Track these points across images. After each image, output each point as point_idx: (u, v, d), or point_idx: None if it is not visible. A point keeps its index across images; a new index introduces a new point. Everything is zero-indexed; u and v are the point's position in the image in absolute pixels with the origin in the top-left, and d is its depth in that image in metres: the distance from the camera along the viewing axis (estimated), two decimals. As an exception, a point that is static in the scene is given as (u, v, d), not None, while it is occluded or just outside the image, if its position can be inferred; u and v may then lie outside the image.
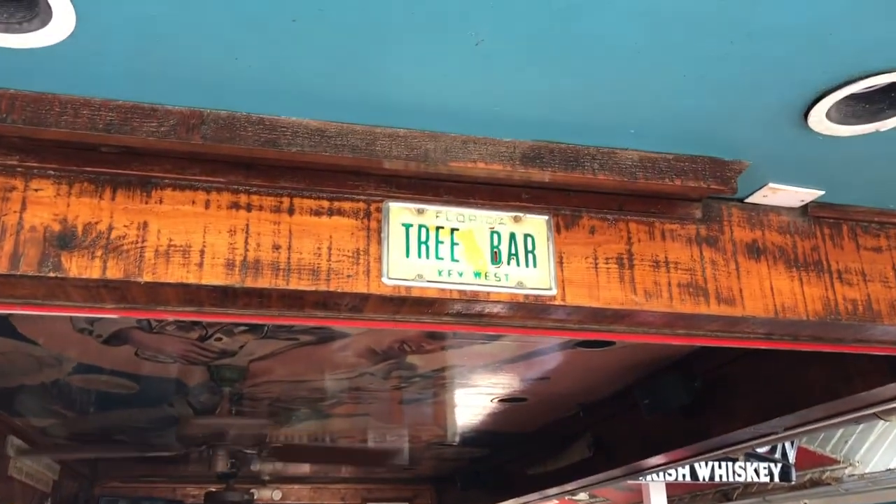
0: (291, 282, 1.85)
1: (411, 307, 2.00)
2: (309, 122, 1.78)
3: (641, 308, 2.05)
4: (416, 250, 1.94)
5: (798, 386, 3.24)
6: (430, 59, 1.57)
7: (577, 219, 2.08)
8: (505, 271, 1.97)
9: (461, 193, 2.00)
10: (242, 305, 1.97)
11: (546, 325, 2.15)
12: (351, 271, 1.89)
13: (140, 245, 1.80)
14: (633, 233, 2.11)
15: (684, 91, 1.71)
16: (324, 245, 1.90)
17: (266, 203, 1.90)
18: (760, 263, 2.19)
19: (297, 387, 4.80)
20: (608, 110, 1.78)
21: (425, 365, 4.37)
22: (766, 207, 2.25)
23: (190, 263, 1.81)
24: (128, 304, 1.95)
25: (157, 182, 1.86)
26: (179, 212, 1.85)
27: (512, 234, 2.01)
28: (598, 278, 2.04)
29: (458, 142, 1.85)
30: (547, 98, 1.72)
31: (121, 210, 1.83)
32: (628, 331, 2.24)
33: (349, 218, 1.94)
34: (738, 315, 2.12)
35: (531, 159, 1.88)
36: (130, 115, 1.69)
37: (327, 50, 1.55)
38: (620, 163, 1.94)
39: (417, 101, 1.73)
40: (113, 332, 3.68)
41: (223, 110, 1.74)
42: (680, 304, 2.08)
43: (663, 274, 2.10)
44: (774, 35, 1.54)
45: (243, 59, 1.56)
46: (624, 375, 4.51)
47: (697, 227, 2.17)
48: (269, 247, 1.86)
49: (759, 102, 1.76)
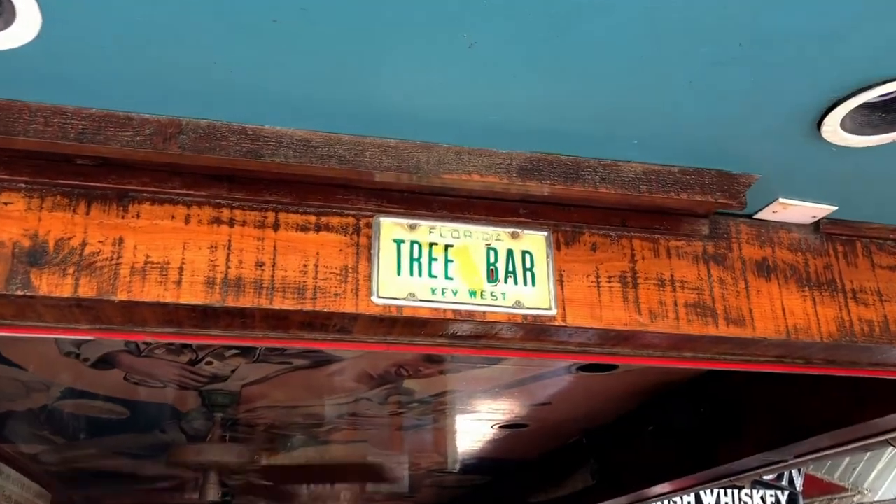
0: (275, 301, 1.75)
1: (403, 328, 1.89)
2: (294, 131, 1.69)
3: (646, 329, 1.94)
4: (408, 268, 1.84)
5: (809, 412, 3.12)
6: (421, 64, 1.48)
7: (577, 235, 1.98)
8: (502, 290, 1.87)
9: (456, 208, 1.90)
10: (224, 326, 1.86)
11: (546, 347, 2.05)
12: (339, 290, 1.79)
13: (115, 262, 1.71)
14: (636, 250, 2.01)
15: (690, 99, 1.61)
16: (310, 262, 1.80)
17: (249, 218, 1.81)
18: (771, 282, 2.08)
19: (291, 412, 4.67)
20: (610, 120, 1.68)
21: (423, 390, 4.26)
22: (776, 224, 2.15)
23: (168, 281, 1.71)
24: (103, 325, 1.85)
25: (134, 196, 1.77)
26: (157, 227, 1.75)
27: (509, 251, 1.91)
28: (601, 298, 1.94)
29: (451, 153, 1.75)
30: (545, 107, 1.62)
31: (95, 225, 1.73)
32: (632, 353, 2.13)
33: (337, 234, 1.84)
34: (748, 336, 2.01)
35: (529, 171, 1.78)
36: (104, 124, 1.60)
37: (311, 54, 1.46)
38: (623, 176, 1.84)
39: (408, 110, 1.63)
40: (100, 356, 3.57)
41: (203, 119, 1.65)
42: (687, 325, 1.97)
43: (669, 293, 1.99)
44: (784, 39, 1.44)
45: (222, 64, 1.47)
46: (628, 400, 4.39)
47: (704, 244, 2.07)
48: (251, 264, 1.76)
49: (770, 111, 1.66)
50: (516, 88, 1.56)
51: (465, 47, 1.43)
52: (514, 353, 2.09)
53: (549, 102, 1.62)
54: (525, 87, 1.56)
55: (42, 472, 6.09)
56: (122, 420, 4.71)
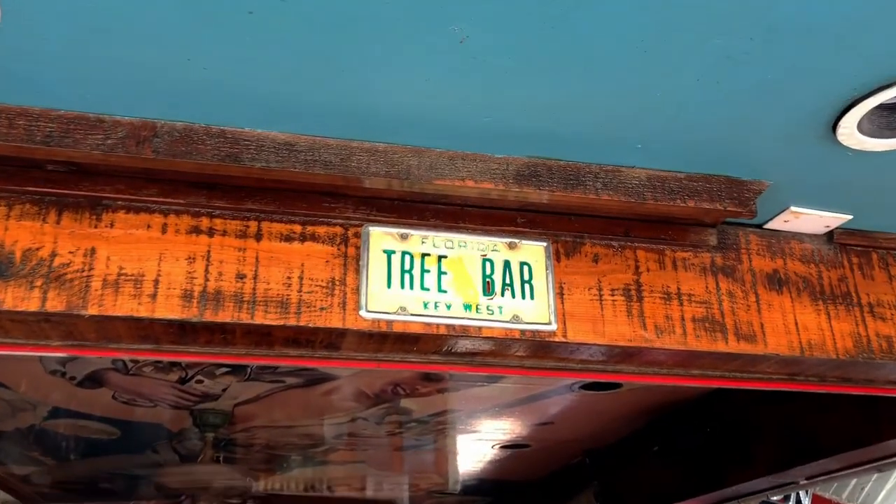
0: (257, 315, 1.64)
1: (394, 344, 1.78)
2: (276, 134, 1.59)
3: (652, 345, 1.83)
4: (399, 280, 1.73)
5: (822, 432, 2.99)
6: (410, 60, 1.38)
7: (579, 245, 1.88)
8: (498, 303, 1.76)
9: (450, 217, 1.80)
10: (204, 343, 1.76)
11: (546, 364, 1.93)
12: (325, 303, 1.68)
13: (86, 274, 1.60)
14: (641, 261, 1.90)
15: (697, 98, 1.51)
16: (294, 274, 1.69)
17: (230, 227, 1.71)
18: (783, 296, 1.98)
19: (286, 432, 4.55)
20: (612, 121, 1.58)
21: (421, 409, 4.13)
22: (787, 234, 2.05)
23: (142, 295, 1.61)
24: (75, 342, 1.74)
25: (108, 204, 1.67)
26: (132, 237, 1.65)
27: (506, 263, 1.81)
28: (604, 312, 1.83)
29: (444, 158, 1.65)
30: (543, 107, 1.53)
31: (66, 235, 1.63)
32: (637, 371, 2.02)
33: (324, 244, 1.74)
34: (760, 353, 1.90)
35: (526, 177, 1.68)
36: (73, 127, 1.50)
37: (292, 50, 1.36)
38: (626, 182, 1.74)
39: (398, 112, 1.54)
40: (87, 375, 3.46)
41: (179, 122, 1.55)
42: (695, 340, 1.86)
43: (676, 307, 1.88)
44: (799, 31, 1.34)
45: (197, 61, 1.37)
46: (632, 420, 4.26)
47: (712, 255, 1.97)
48: (232, 276, 1.66)
49: (782, 112, 1.56)
50: (511, 87, 1.46)
51: (457, 42, 1.33)
52: (511, 371, 1.98)
53: (546, 102, 1.52)
54: (521, 86, 1.46)
55: (33, 494, 5.96)
56: (112, 440, 4.59)
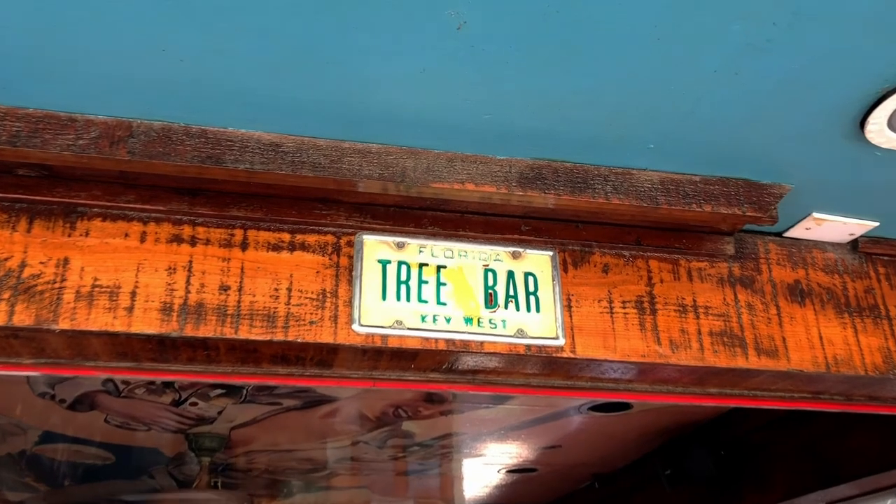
0: (241, 330, 1.52)
1: (390, 361, 1.66)
2: (262, 134, 1.48)
3: (667, 361, 1.70)
4: (395, 292, 1.62)
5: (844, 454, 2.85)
6: (403, 49, 1.27)
7: (587, 255, 1.76)
8: (502, 316, 1.64)
9: (449, 224, 1.68)
10: (187, 360, 1.64)
11: (553, 383, 1.81)
12: (315, 317, 1.56)
13: (58, 286, 1.49)
14: (654, 271, 1.78)
15: (714, 92, 1.40)
16: (282, 286, 1.58)
17: (214, 236, 1.59)
18: (806, 308, 1.85)
19: (286, 456, 4.41)
20: (622, 119, 1.47)
21: (424, 432, 4.00)
22: (809, 243, 1.93)
23: (117, 308, 1.49)
24: (49, 360, 1.62)
25: (83, 211, 1.56)
26: (109, 246, 1.54)
27: (510, 273, 1.69)
28: (615, 325, 1.70)
29: (442, 159, 1.54)
30: (547, 102, 1.41)
31: (38, 244, 1.52)
32: (651, 390, 1.89)
33: (314, 253, 1.62)
34: (783, 369, 1.77)
35: (530, 180, 1.57)
36: (42, 126, 1.40)
37: (272, 38, 1.25)
38: (638, 185, 1.62)
39: (391, 108, 1.43)
40: (77, 397, 3.34)
41: (157, 121, 1.44)
42: (713, 356, 1.73)
43: (692, 320, 1.76)
44: (827, 14, 1.23)
45: (172, 52, 1.27)
46: (643, 443, 4.11)
47: (730, 265, 1.84)
48: (215, 288, 1.55)
49: (806, 106, 1.45)
50: (514, 79, 1.35)
51: (454, 28, 1.23)
52: (516, 390, 1.85)
53: (550, 97, 1.40)
54: (524, 78, 1.35)
55: None
56: (108, 465, 4.46)
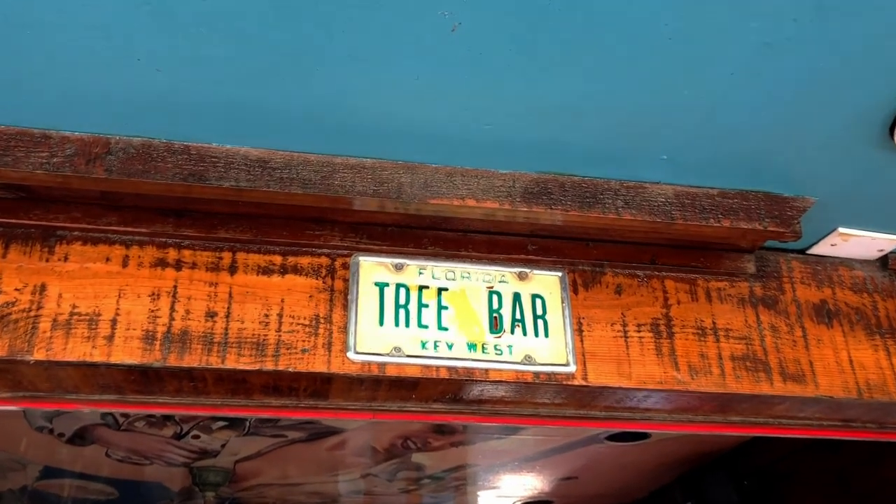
0: (228, 359, 1.43)
1: (389, 391, 1.56)
2: (249, 150, 1.39)
3: (686, 388, 1.59)
4: (393, 316, 1.52)
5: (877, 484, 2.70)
6: (394, 54, 1.19)
7: (598, 275, 1.65)
8: (508, 342, 1.54)
9: (451, 244, 1.59)
10: (173, 392, 1.54)
11: (564, 412, 1.70)
12: (307, 344, 1.46)
13: (34, 314, 1.40)
14: (670, 292, 1.68)
15: (731, 97, 1.30)
16: (273, 311, 1.48)
17: (201, 259, 1.50)
18: (833, 330, 1.73)
19: (294, 490, 4.28)
20: (632, 127, 1.37)
21: (435, 464, 3.87)
22: (835, 260, 1.81)
23: (97, 336, 1.40)
24: (27, 393, 1.53)
25: (63, 234, 1.48)
26: (89, 271, 1.45)
27: (516, 295, 1.59)
28: (629, 350, 1.59)
29: (440, 174, 1.45)
30: (551, 110, 1.32)
31: (13, 269, 1.43)
32: (669, 419, 1.78)
33: (307, 277, 1.53)
34: (811, 395, 1.65)
35: (535, 195, 1.47)
36: (14, 143, 1.32)
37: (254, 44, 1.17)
38: (651, 200, 1.52)
39: (384, 119, 1.34)
40: (76, 431, 3.24)
41: (136, 137, 1.36)
42: (735, 382, 1.62)
43: (712, 344, 1.64)
44: (852, 9, 1.14)
45: (148, 61, 1.19)
46: (662, 473, 3.97)
47: (751, 284, 1.73)
48: (201, 314, 1.45)
49: (831, 111, 1.35)
50: (514, 85, 1.26)
51: (448, 30, 1.14)
52: (524, 421, 1.74)
53: (554, 104, 1.31)
54: (525, 83, 1.26)
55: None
56: (112, 501, 4.35)
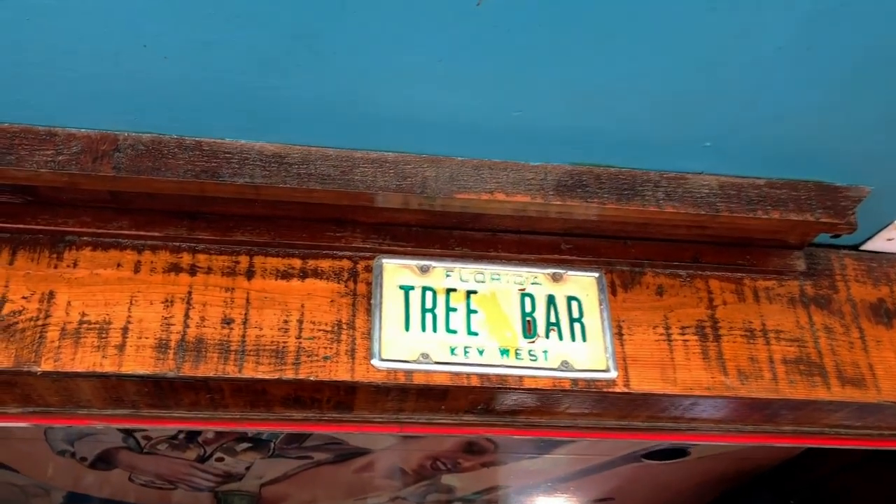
0: (246, 368, 1.34)
1: (417, 401, 1.46)
2: (264, 145, 1.32)
3: (736, 394, 1.47)
4: (420, 321, 1.42)
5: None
6: (415, 34, 1.10)
7: (638, 275, 1.55)
8: (543, 347, 1.44)
9: (479, 244, 1.49)
10: (189, 405, 1.46)
11: (604, 424, 1.59)
12: (329, 351, 1.37)
13: (41, 322, 1.33)
14: (715, 292, 1.57)
15: (780, 74, 1.20)
16: (292, 317, 1.40)
17: (217, 264, 1.43)
18: (893, 330, 1.61)
19: (321, 515, 4.18)
20: (673, 111, 1.28)
21: (466, 486, 3.74)
22: (891, 256, 1.69)
23: (107, 346, 1.33)
24: (37, 408, 1.46)
25: (72, 240, 1.41)
26: (99, 278, 1.38)
27: (550, 297, 1.49)
28: (674, 354, 1.49)
29: (467, 167, 1.36)
30: (585, 93, 1.23)
31: (20, 277, 1.37)
32: (717, 430, 1.66)
33: (328, 280, 1.44)
34: (872, 401, 1.53)
35: (570, 188, 1.37)
36: (18, 141, 1.25)
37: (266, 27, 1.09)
38: (693, 191, 1.42)
39: (406, 109, 1.25)
40: (98, 455, 3.18)
41: (146, 133, 1.29)
42: (788, 386, 1.50)
43: (762, 347, 1.53)
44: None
45: (155, 48, 1.12)
46: (702, 493, 3.81)
47: (801, 283, 1.62)
48: (216, 321, 1.37)
49: (889, 91, 1.24)
50: (545, 65, 1.17)
51: (472, 5, 1.06)
52: (561, 433, 1.64)
53: (589, 86, 1.22)
54: (557, 66, 1.17)
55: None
56: (137, 527, 4.27)
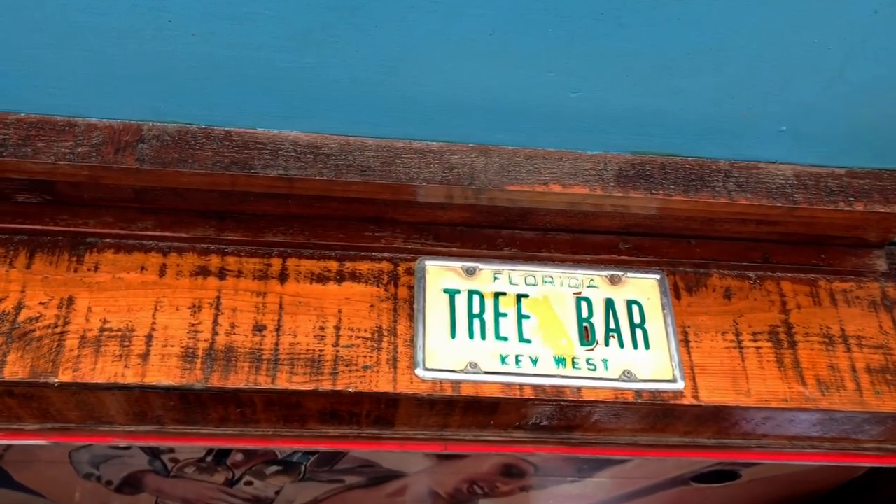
0: (279, 378, 1.23)
1: (464, 416, 1.34)
2: (298, 135, 1.22)
3: (817, 406, 1.33)
4: (467, 328, 1.30)
5: None
6: (465, 3, 1.00)
7: (703, 277, 1.42)
8: (602, 355, 1.31)
9: (529, 244, 1.38)
10: (218, 421, 1.35)
11: (668, 440, 1.45)
12: (369, 360, 1.26)
13: (59, 330, 1.23)
14: (788, 295, 1.43)
15: (871, 43, 1.08)
16: (329, 323, 1.28)
17: (247, 266, 1.32)
18: None
19: (352, 542, 4.03)
20: (747, 89, 1.16)
21: (503, 511, 3.59)
22: (980, 256, 1.55)
23: (130, 355, 1.22)
24: (56, 424, 1.36)
25: (93, 242, 1.31)
26: (122, 282, 1.28)
27: (608, 302, 1.36)
28: (745, 363, 1.35)
29: (519, 157, 1.24)
30: (653, 69, 1.11)
31: (38, 281, 1.27)
32: (790, 448, 1.52)
33: (367, 284, 1.33)
34: (969, 415, 1.38)
35: (632, 178, 1.25)
36: (35, 132, 1.16)
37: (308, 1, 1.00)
38: (767, 181, 1.29)
39: (454, 93, 1.15)
40: (124, 478, 3.07)
41: (172, 123, 1.20)
42: (874, 398, 1.36)
43: (842, 354, 1.39)
44: None
45: (181, 23, 1.02)
46: (752, 519, 3.61)
47: (882, 285, 1.48)
48: (247, 328, 1.26)
49: None
50: (607, 41, 1.05)
51: (531, -33, 0.95)
52: (621, 451, 1.50)
53: (655, 64, 1.10)
54: (620, 39, 1.06)
55: None
56: (164, 555, 4.16)
